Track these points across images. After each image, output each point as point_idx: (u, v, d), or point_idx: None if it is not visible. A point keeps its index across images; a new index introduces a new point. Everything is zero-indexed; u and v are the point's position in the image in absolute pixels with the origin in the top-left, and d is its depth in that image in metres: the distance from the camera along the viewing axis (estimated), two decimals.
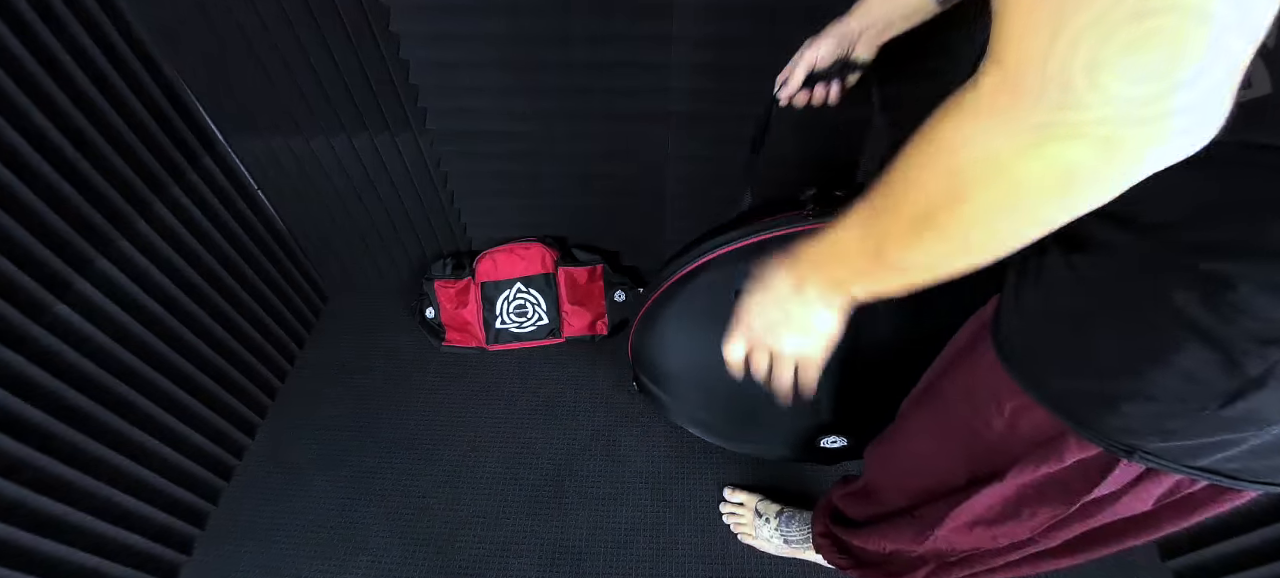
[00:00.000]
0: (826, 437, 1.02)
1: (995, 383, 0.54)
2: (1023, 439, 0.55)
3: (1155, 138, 0.26)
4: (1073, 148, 0.27)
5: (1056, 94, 0.26)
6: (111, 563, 1.01)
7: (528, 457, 1.28)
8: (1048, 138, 0.28)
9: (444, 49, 1.03)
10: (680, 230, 1.36)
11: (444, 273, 1.44)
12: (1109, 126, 0.26)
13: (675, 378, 0.99)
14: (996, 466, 0.59)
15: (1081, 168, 0.28)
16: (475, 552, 1.15)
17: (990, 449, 0.59)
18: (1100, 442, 0.48)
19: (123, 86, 1.03)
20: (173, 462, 1.14)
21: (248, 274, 1.34)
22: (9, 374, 0.86)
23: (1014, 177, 0.30)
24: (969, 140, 0.31)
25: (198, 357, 1.20)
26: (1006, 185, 0.31)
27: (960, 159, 0.32)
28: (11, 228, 0.86)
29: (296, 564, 1.16)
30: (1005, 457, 0.58)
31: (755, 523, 1.11)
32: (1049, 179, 0.29)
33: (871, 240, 0.41)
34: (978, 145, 0.31)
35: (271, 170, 1.30)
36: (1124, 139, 0.26)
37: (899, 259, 0.40)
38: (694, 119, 1.09)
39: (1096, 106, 0.26)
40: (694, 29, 0.95)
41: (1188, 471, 0.46)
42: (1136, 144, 0.26)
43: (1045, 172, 0.29)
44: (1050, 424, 0.51)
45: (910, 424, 0.74)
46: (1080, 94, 0.26)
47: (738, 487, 1.19)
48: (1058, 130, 0.27)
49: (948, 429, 0.66)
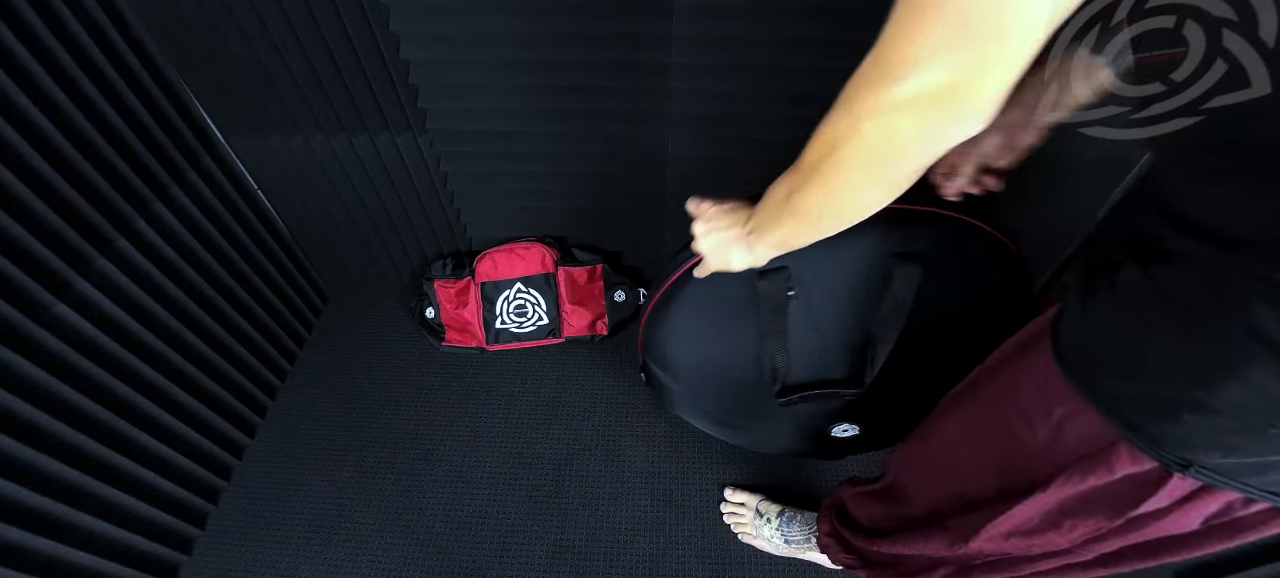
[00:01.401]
0: (838, 425, 1.02)
1: (1047, 387, 0.53)
2: (1068, 449, 0.54)
3: (951, 122, 0.37)
4: (899, 118, 0.37)
5: (897, 85, 0.36)
6: (111, 563, 1.01)
7: (528, 457, 1.28)
8: (887, 109, 0.37)
9: (444, 49, 1.03)
10: (680, 230, 1.36)
11: (444, 273, 1.44)
12: (921, 109, 0.36)
13: (684, 367, 0.99)
14: (1034, 476, 0.58)
15: (904, 134, 0.38)
16: (475, 552, 1.15)
17: (1030, 457, 0.58)
18: (1155, 453, 0.47)
19: (123, 86, 1.03)
20: (173, 462, 1.14)
21: (248, 274, 1.34)
22: (9, 374, 0.86)
23: (889, 126, 0.38)
24: (851, 101, 0.40)
25: (198, 357, 1.20)
26: (884, 139, 0.39)
27: (836, 121, 0.41)
28: (11, 228, 0.86)
29: (296, 564, 1.16)
30: (1046, 466, 0.56)
31: (756, 523, 1.11)
32: (886, 140, 0.39)
33: (784, 190, 0.50)
34: (856, 105, 0.39)
35: (271, 171, 1.30)
36: (929, 120, 0.37)
37: (800, 204, 0.49)
38: (694, 119, 1.09)
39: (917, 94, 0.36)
40: (694, 29, 0.95)
41: (1246, 489, 0.45)
42: (937, 124, 0.37)
43: (881, 134, 0.39)
44: (1101, 434, 0.50)
45: (947, 424, 0.72)
46: (911, 87, 0.35)
47: (739, 487, 1.19)
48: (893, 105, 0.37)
49: (987, 433, 0.64)
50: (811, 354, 0.91)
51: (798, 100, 1.02)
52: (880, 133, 0.39)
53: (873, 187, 0.44)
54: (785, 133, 0.88)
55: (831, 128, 0.42)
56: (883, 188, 0.43)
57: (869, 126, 0.39)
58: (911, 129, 0.37)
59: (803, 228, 0.52)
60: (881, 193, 0.44)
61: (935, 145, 0.39)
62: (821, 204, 0.47)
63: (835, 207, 0.47)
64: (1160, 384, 0.44)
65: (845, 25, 0.89)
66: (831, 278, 0.83)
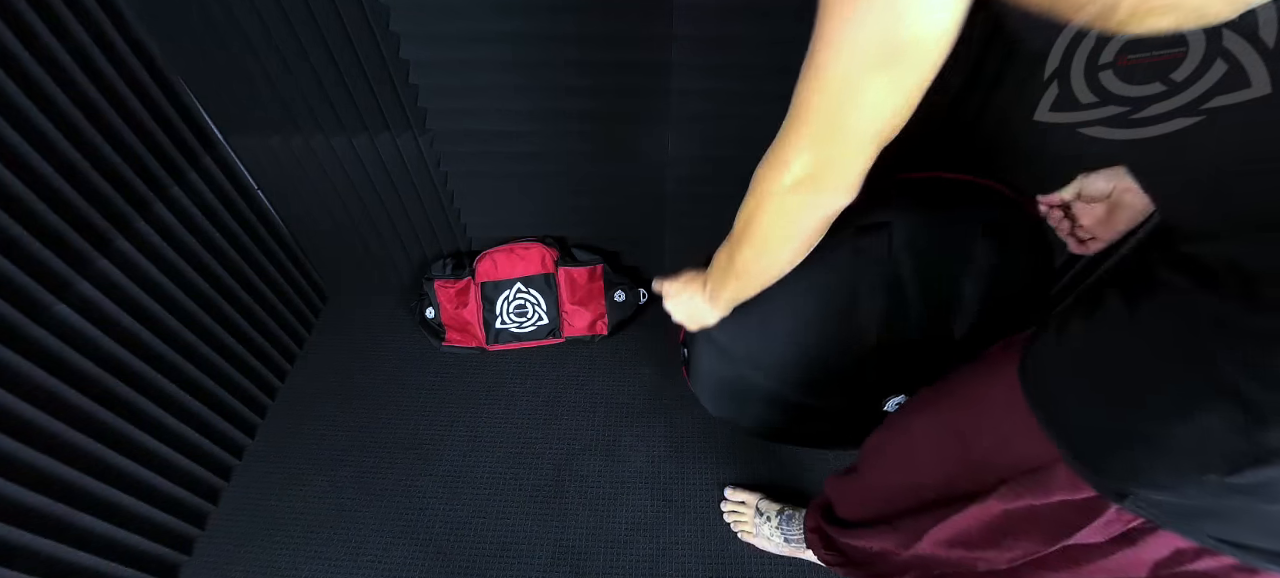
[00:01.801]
0: (892, 399, 1.02)
1: (1005, 401, 0.56)
2: (1009, 463, 0.56)
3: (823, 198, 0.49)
4: (786, 197, 0.49)
5: (783, 173, 0.48)
6: (111, 563, 1.01)
7: (528, 457, 1.28)
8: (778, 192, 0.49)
9: (444, 49, 1.03)
10: (680, 230, 1.36)
11: (444, 273, 1.44)
12: (800, 190, 0.48)
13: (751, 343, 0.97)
14: (975, 484, 0.61)
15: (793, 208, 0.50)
16: (475, 552, 1.15)
17: (975, 464, 0.61)
18: (1093, 480, 0.48)
19: (123, 86, 1.03)
20: (173, 462, 1.14)
21: (248, 274, 1.34)
22: (9, 374, 0.86)
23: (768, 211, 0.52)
24: (757, 184, 0.52)
25: (198, 357, 1.20)
26: (765, 216, 0.52)
27: (750, 200, 0.53)
28: (11, 228, 0.86)
29: (296, 564, 1.16)
30: (987, 476, 0.59)
31: (756, 522, 1.11)
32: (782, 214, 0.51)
33: (725, 257, 0.62)
34: (760, 187, 0.51)
35: (272, 171, 1.30)
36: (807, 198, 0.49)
37: (738, 266, 0.59)
38: (694, 119, 1.09)
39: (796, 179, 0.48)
40: (694, 29, 0.95)
41: (1180, 530, 0.47)
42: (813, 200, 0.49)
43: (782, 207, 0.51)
44: (1042, 454, 0.52)
45: (912, 418, 0.75)
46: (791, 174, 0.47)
47: (739, 486, 1.19)
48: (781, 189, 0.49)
49: (945, 432, 0.67)
50: (898, 315, 0.92)
51: None
52: (777, 209, 0.51)
53: (785, 247, 0.55)
54: None
55: (748, 206, 0.54)
56: (794, 247, 0.55)
57: (770, 204, 0.51)
58: (796, 204, 0.50)
59: (745, 284, 0.63)
60: (796, 249, 0.55)
61: (817, 214, 0.51)
62: (754, 264, 0.58)
63: (764, 265, 0.58)
64: (1115, 415, 0.46)
65: None
66: (923, 241, 0.84)
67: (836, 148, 0.45)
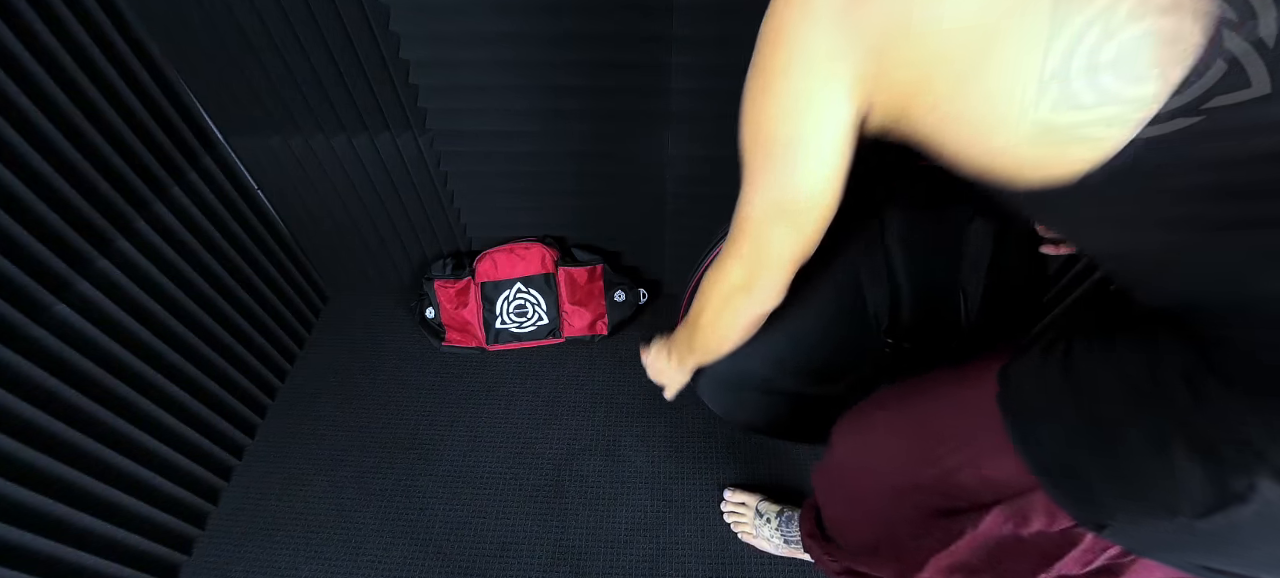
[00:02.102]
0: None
1: (977, 422, 0.56)
2: (976, 485, 0.58)
3: (755, 301, 0.61)
4: (728, 301, 0.62)
5: (723, 283, 0.61)
6: (111, 563, 1.01)
7: (528, 457, 1.28)
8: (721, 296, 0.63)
9: (444, 49, 1.03)
10: (680, 230, 1.36)
11: (444, 273, 1.44)
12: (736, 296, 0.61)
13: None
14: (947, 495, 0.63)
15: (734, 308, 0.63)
16: (475, 552, 1.15)
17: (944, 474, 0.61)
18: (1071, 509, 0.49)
19: (123, 86, 1.03)
20: (173, 462, 1.14)
21: (248, 274, 1.34)
22: (9, 374, 0.86)
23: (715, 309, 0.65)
24: (706, 286, 0.65)
25: (198, 357, 1.20)
26: (710, 310, 0.65)
27: (700, 299, 0.66)
28: (11, 228, 0.86)
29: (296, 564, 1.16)
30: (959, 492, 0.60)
31: (756, 523, 1.11)
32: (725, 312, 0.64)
33: (687, 332, 0.74)
34: (708, 289, 0.64)
35: (271, 170, 1.30)
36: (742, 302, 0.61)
37: (697, 344, 0.72)
38: (694, 119, 1.09)
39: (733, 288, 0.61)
40: (694, 29, 0.95)
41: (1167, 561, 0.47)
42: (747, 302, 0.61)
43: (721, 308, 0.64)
44: (1019, 480, 0.52)
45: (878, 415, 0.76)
46: (728, 284, 0.60)
47: (738, 487, 1.19)
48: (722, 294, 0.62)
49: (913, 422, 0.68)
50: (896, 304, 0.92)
51: None
52: (721, 307, 0.63)
53: (731, 333, 0.67)
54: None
55: (699, 301, 0.67)
56: (737, 334, 0.67)
57: (714, 303, 0.64)
58: (735, 305, 0.62)
59: (703, 356, 0.75)
60: (739, 334, 0.67)
61: (753, 312, 0.63)
62: (708, 344, 0.70)
63: (716, 345, 0.70)
64: (1092, 448, 0.46)
65: None
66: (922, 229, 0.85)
67: (761, 268, 0.57)
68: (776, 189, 0.51)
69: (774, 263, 0.56)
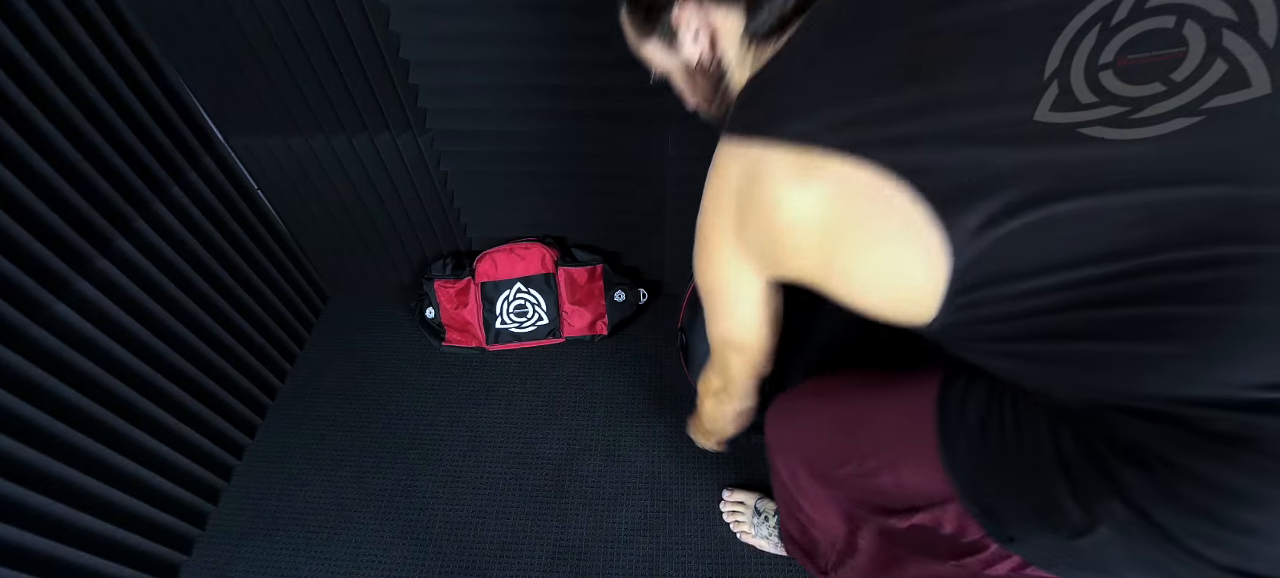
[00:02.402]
0: None
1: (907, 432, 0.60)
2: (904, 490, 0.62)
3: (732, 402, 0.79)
4: (715, 401, 0.82)
5: (707, 387, 0.82)
6: (111, 563, 1.01)
7: (528, 457, 1.29)
8: (707, 397, 0.84)
9: (444, 49, 1.03)
10: (680, 230, 1.36)
11: (444, 273, 1.44)
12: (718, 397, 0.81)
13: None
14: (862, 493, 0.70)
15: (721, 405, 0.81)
16: (475, 552, 1.15)
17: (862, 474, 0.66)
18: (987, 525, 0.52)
19: (123, 86, 1.03)
20: (173, 462, 1.14)
21: (248, 274, 1.34)
22: (9, 374, 0.87)
23: (707, 406, 0.85)
24: (700, 388, 0.85)
25: (198, 357, 1.20)
26: (706, 405, 0.85)
27: (700, 394, 0.87)
28: (11, 227, 0.86)
29: (296, 564, 1.16)
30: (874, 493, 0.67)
31: (754, 521, 1.11)
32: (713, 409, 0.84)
33: (698, 418, 0.94)
34: (702, 389, 0.84)
35: (271, 170, 1.30)
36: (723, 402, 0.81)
37: (704, 426, 0.92)
38: (694, 119, 1.09)
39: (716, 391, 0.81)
40: None
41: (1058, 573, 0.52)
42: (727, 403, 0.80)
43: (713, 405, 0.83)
44: (938, 490, 0.56)
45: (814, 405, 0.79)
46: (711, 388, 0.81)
47: (737, 486, 1.19)
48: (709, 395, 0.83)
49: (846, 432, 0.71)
50: None
51: None
52: (712, 407, 0.83)
53: (726, 424, 0.85)
54: None
55: (699, 396, 0.87)
56: (730, 424, 0.85)
57: (707, 402, 0.84)
58: (720, 404, 0.80)
59: (715, 434, 0.92)
60: (733, 424, 0.85)
61: (734, 407, 0.79)
62: (712, 427, 0.88)
63: (720, 430, 0.88)
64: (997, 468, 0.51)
65: None
66: None
67: (728, 381, 0.74)
68: (723, 323, 0.66)
69: (736, 378, 0.72)
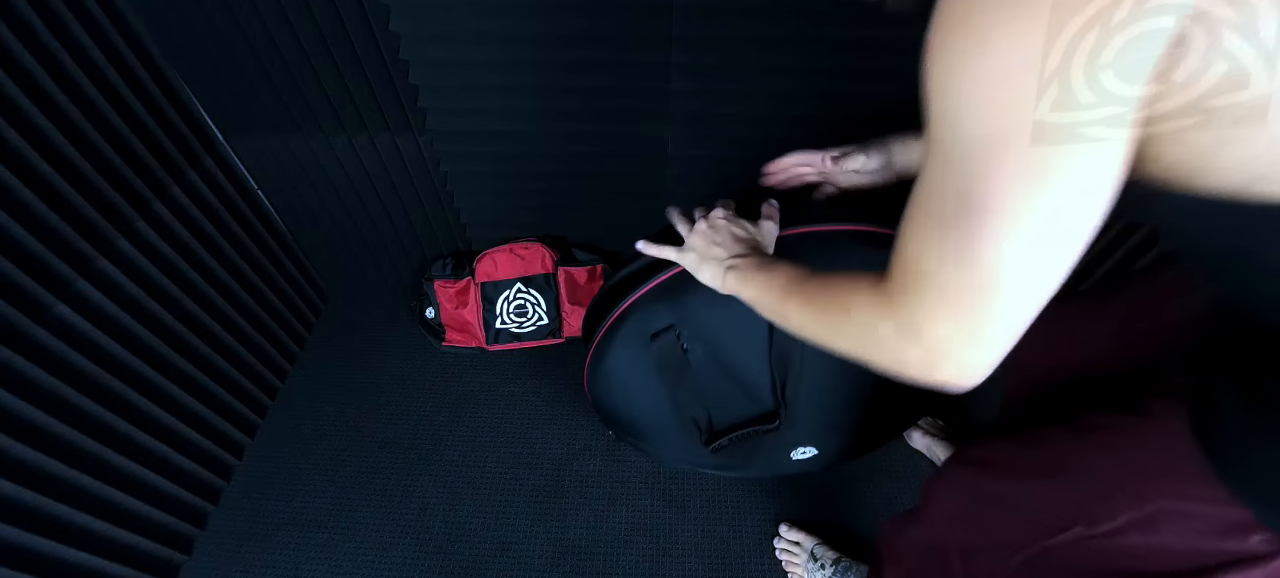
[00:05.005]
0: (794, 451, 1.02)
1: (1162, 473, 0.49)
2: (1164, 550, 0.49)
3: (944, 368, 0.43)
4: (905, 344, 0.44)
5: (907, 318, 0.43)
6: (111, 563, 1.01)
7: (528, 457, 1.28)
8: (898, 332, 0.44)
9: (444, 49, 1.03)
10: None
11: (444, 273, 1.44)
12: (926, 347, 0.42)
13: (641, 423, 0.99)
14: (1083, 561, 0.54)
15: (907, 358, 0.44)
16: (475, 552, 1.15)
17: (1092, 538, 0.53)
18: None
19: (123, 86, 1.03)
20: (173, 462, 1.14)
21: (248, 274, 1.34)
22: (9, 374, 0.86)
23: (872, 336, 0.46)
24: (861, 305, 0.47)
25: (198, 357, 1.20)
26: (866, 339, 0.47)
27: (852, 309, 0.48)
28: (12, 228, 0.86)
29: (296, 564, 1.16)
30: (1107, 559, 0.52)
31: (809, 567, 1.05)
32: (885, 351, 0.46)
33: (783, 293, 0.57)
34: (861, 311, 0.47)
35: (271, 170, 1.30)
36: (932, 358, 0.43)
37: (789, 313, 0.56)
38: (694, 119, 1.09)
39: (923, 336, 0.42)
40: (694, 29, 0.95)
41: None
42: (932, 362, 0.43)
43: (884, 347, 0.46)
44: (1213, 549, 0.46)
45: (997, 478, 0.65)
46: (919, 326, 0.42)
47: (795, 524, 1.12)
48: (902, 333, 0.44)
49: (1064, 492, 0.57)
50: (731, 397, 0.91)
51: (797, 100, 1.02)
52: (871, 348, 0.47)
53: (841, 348, 0.51)
54: (784, 132, 0.87)
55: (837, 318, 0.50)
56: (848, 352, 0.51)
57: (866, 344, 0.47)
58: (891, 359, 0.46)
59: (774, 319, 0.60)
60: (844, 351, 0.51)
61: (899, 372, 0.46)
62: (802, 326, 0.55)
63: (809, 334, 0.55)
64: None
65: (844, 26, 0.89)
66: (731, 321, 0.80)
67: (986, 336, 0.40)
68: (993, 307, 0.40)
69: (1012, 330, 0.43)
